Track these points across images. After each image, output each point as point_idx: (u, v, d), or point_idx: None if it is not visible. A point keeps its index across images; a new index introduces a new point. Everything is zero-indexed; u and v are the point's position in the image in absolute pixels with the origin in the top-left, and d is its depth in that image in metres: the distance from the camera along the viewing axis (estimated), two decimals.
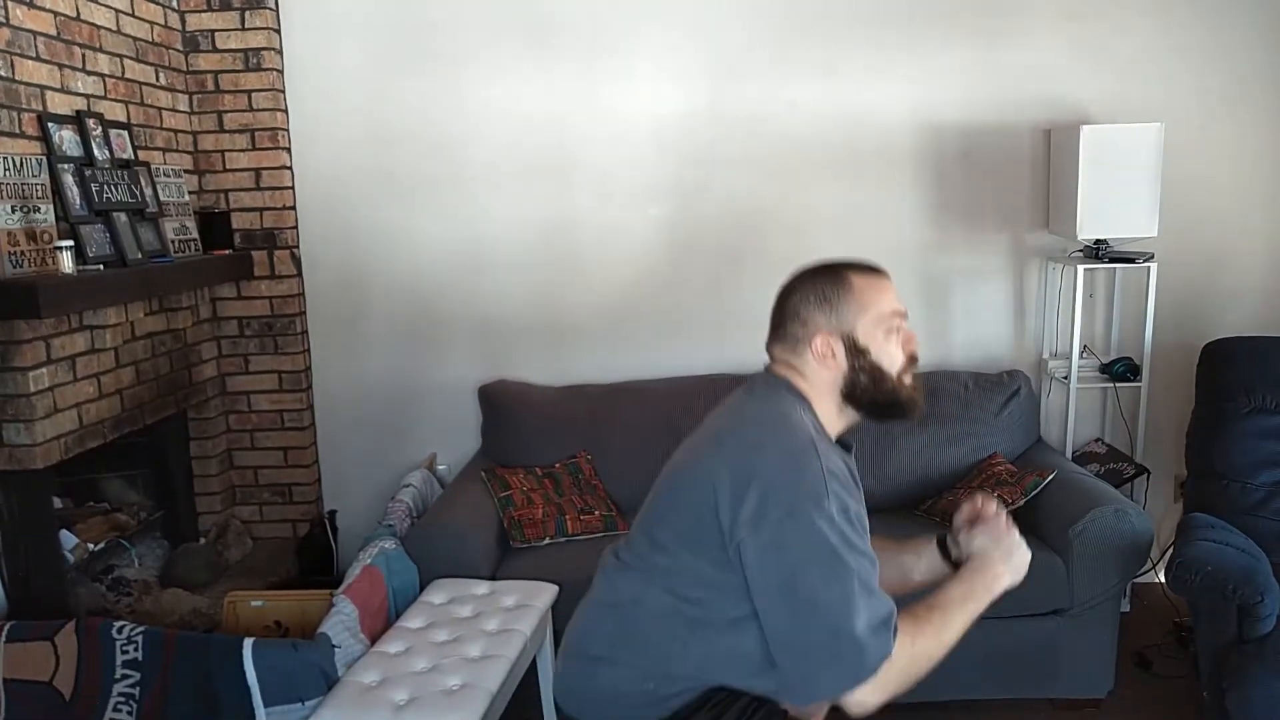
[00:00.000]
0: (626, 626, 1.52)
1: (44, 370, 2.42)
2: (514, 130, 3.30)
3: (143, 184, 2.85)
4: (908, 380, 1.54)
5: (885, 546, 1.62)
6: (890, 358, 1.52)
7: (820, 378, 1.53)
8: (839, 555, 1.36)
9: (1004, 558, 1.53)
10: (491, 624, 2.37)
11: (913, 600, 1.47)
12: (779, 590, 1.38)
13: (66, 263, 2.38)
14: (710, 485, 1.43)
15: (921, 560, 1.68)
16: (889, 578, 1.53)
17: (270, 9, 3.19)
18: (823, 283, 1.53)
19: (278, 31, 3.24)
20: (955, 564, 1.63)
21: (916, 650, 1.40)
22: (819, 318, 1.51)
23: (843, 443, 1.57)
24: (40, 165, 2.45)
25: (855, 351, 1.51)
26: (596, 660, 1.54)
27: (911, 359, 1.55)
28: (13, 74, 2.39)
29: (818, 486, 1.38)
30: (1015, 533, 1.57)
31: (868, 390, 1.52)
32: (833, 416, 1.55)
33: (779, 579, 1.38)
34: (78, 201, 2.55)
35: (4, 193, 2.31)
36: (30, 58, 2.46)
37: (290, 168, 3.31)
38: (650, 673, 1.48)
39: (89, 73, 2.70)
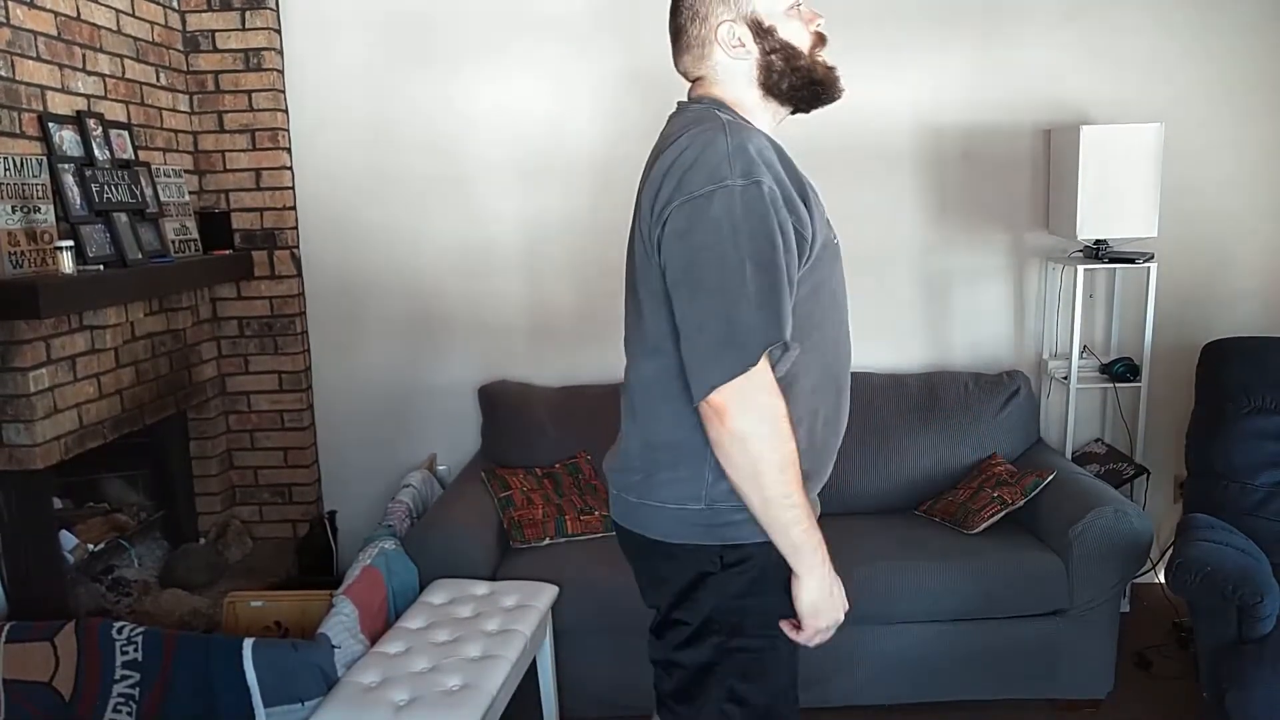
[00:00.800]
0: (648, 419, 1.51)
1: (44, 370, 2.42)
2: (515, 130, 3.30)
3: (143, 184, 2.85)
4: (820, 57, 1.51)
5: None
6: (797, 35, 1.48)
7: (734, 75, 1.49)
8: (738, 238, 1.32)
9: (828, 585, 1.46)
10: (491, 624, 2.37)
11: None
12: (680, 275, 1.36)
13: (67, 263, 2.38)
14: (644, 206, 1.42)
15: None
16: None
17: (270, 9, 3.19)
18: None
19: (278, 31, 3.24)
20: None
21: (774, 444, 1.35)
22: (717, 8, 1.46)
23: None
24: (40, 165, 2.45)
25: (762, 33, 1.47)
26: (628, 476, 1.55)
27: (819, 37, 1.51)
28: (13, 74, 2.39)
29: (720, 165, 1.34)
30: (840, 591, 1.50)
31: (784, 73, 1.48)
32: (757, 114, 1.50)
33: (680, 263, 1.36)
34: (78, 201, 2.55)
35: (4, 193, 2.31)
36: (31, 58, 2.46)
37: (290, 168, 3.31)
38: (658, 440, 1.48)
39: (89, 73, 2.70)
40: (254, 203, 3.28)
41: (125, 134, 2.83)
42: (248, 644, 2.15)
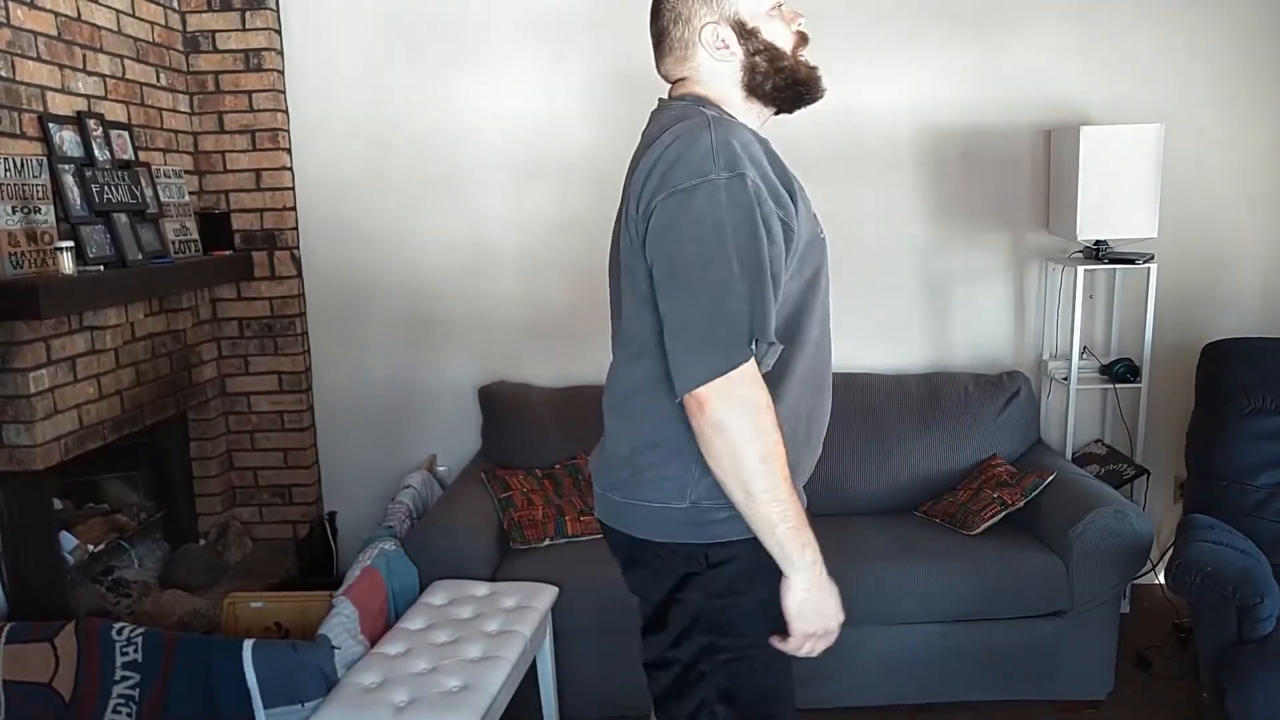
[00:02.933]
0: (636, 417, 1.50)
1: (44, 371, 2.42)
2: (514, 130, 3.29)
3: (143, 185, 2.85)
4: (803, 57, 1.51)
5: None
6: (780, 35, 1.49)
7: (718, 76, 1.49)
8: (722, 232, 1.32)
9: (819, 592, 1.42)
10: (491, 625, 2.37)
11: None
12: (664, 270, 1.36)
13: (67, 263, 2.38)
14: (630, 203, 1.42)
15: None
16: None
17: (271, 10, 3.19)
18: None
19: (278, 32, 3.24)
20: None
21: (756, 437, 1.33)
22: (700, 10, 1.47)
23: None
24: (41, 166, 2.44)
25: (746, 35, 1.46)
26: (613, 475, 1.53)
27: (801, 37, 1.51)
28: (13, 74, 2.39)
29: (705, 160, 1.33)
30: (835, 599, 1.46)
31: (768, 74, 1.48)
32: (740, 115, 1.50)
33: (665, 258, 1.35)
34: (78, 202, 2.55)
35: (4, 193, 2.31)
36: (31, 58, 2.46)
37: (290, 168, 3.31)
38: (645, 439, 1.47)
39: (89, 73, 2.70)
40: (254, 203, 3.28)
41: (125, 134, 2.83)
42: (248, 645, 2.15)
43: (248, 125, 3.24)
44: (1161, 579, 2.96)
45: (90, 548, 2.73)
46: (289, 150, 3.30)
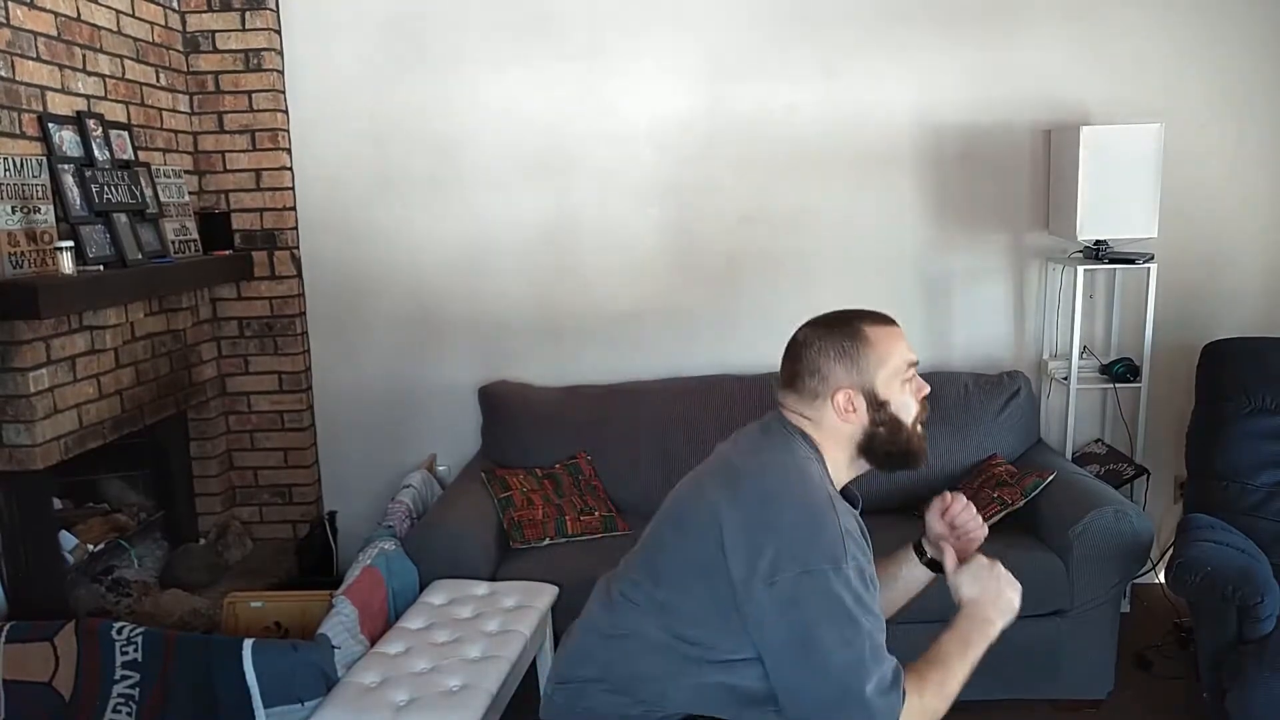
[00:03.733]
0: (622, 656, 1.52)
1: (44, 371, 2.42)
2: (514, 130, 3.30)
3: (143, 184, 2.85)
4: (920, 430, 1.55)
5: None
6: (907, 409, 1.53)
7: (838, 431, 1.53)
8: (853, 617, 1.36)
9: (993, 601, 1.54)
10: (491, 625, 2.37)
11: (915, 659, 1.48)
12: (791, 646, 1.38)
13: (66, 263, 2.38)
14: (718, 523, 1.43)
15: (902, 569, 1.71)
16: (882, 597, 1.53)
17: (270, 10, 3.19)
18: (839, 336, 1.52)
19: (278, 32, 3.24)
20: (931, 564, 1.67)
21: (925, 705, 1.41)
22: (839, 372, 1.50)
23: (848, 496, 1.57)
24: (40, 166, 2.45)
25: (876, 405, 1.51)
26: (587, 682, 1.54)
27: (923, 406, 1.56)
28: (13, 74, 2.39)
29: (836, 547, 1.38)
30: (1000, 570, 1.56)
31: (885, 442, 1.53)
32: (842, 467, 1.55)
33: (792, 635, 1.38)
34: (78, 202, 2.55)
35: (4, 193, 2.31)
36: (31, 58, 2.46)
37: (290, 168, 3.31)
38: (641, 699, 1.49)
39: (89, 73, 2.70)
40: (254, 203, 3.28)
41: (125, 134, 2.83)
42: (248, 644, 2.15)
43: (248, 125, 3.24)
44: (1161, 579, 2.95)
45: (90, 547, 2.73)
46: (289, 150, 3.30)
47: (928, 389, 1.57)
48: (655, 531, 1.56)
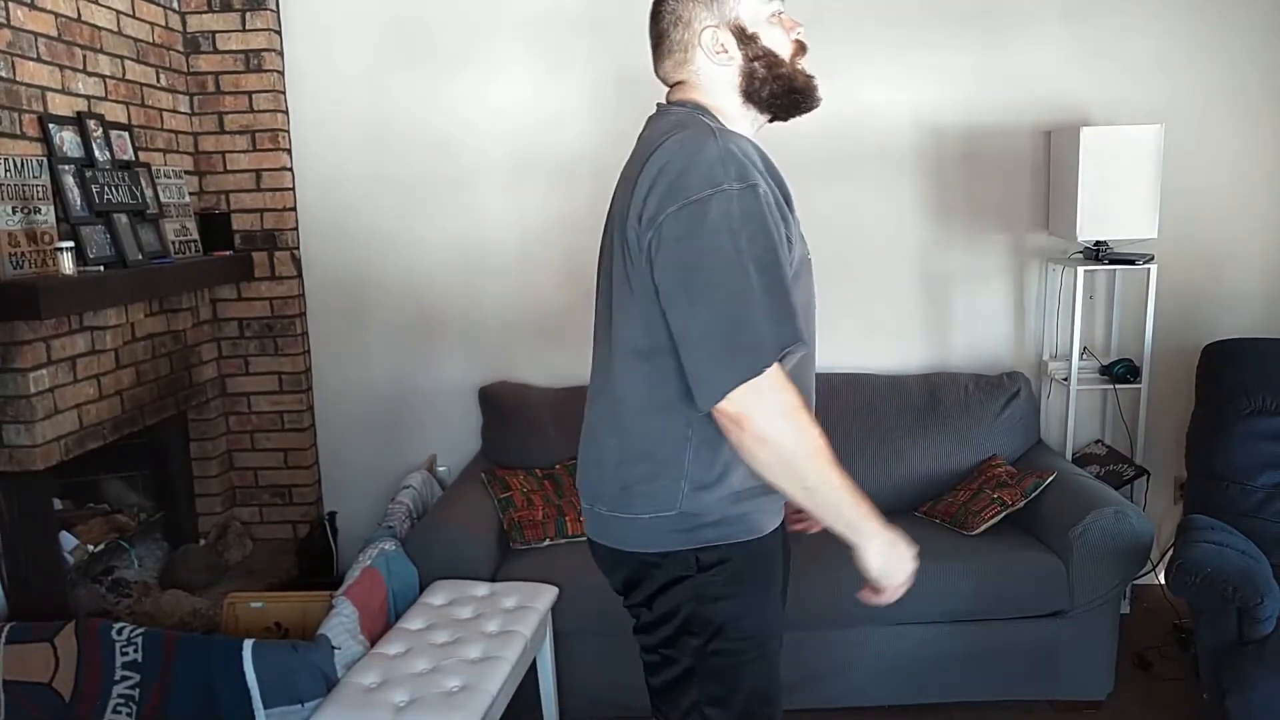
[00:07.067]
0: (630, 421, 1.49)
1: (44, 371, 2.42)
2: (514, 130, 3.30)
3: (143, 185, 2.85)
4: (800, 66, 1.52)
5: None
6: (779, 43, 1.49)
7: (716, 80, 1.49)
8: (739, 241, 1.31)
9: (888, 552, 1.45)
10: (492, 625, 2.37)
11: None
12: (678, 282, 1.35)
13: (67, 264, 2.38)
14: (622, 230, 1.41)
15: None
16: None
17: (271, 10, 3.19)
18: None
19: (278, 33, 3.24)
20: None
21: (800, 437, 1.34)
22: (701, 13, 1.47)
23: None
24: (41, 166, 2.45)
25: (745, 40, 1.47)
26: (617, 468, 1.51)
27: (799, 45, 1.52)
28: (13, 75, 2.40)
29: (715, 170, 1.33)
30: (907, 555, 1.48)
31: (765, 81, 1.49)
32: (737, 121, 1.50)
33: (678, 269, 1.34)
34: (78, 203, 2.55)
35: (4, 194, 2.31)
36: (31, 59, 2.46)
37: (290, 169, 3.31)
38: (635, 452, 1.47)
39: (90, 74, 2.70)
40: (254, 204, 3.28)
41: (126, 135, 2.83)
42: (248, 645, 2.15)
43: (248, 126, 3.24)
44: (1161, 579, 2.95)
45: (90, 548, 2.73)
46: (289, 150, 3.30)
47: (801, 26, 1.52)
48: (598, 315, 1.55)
